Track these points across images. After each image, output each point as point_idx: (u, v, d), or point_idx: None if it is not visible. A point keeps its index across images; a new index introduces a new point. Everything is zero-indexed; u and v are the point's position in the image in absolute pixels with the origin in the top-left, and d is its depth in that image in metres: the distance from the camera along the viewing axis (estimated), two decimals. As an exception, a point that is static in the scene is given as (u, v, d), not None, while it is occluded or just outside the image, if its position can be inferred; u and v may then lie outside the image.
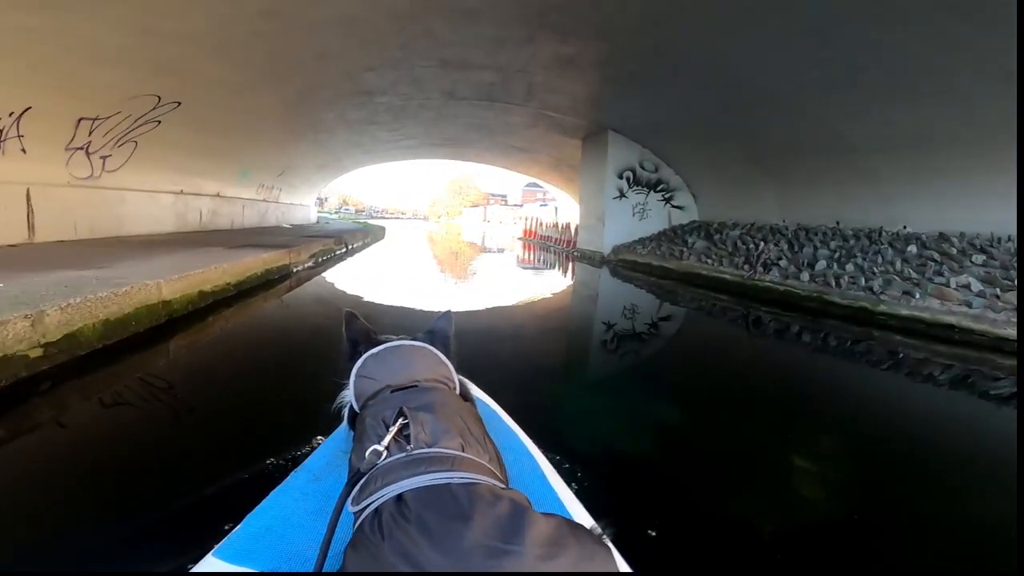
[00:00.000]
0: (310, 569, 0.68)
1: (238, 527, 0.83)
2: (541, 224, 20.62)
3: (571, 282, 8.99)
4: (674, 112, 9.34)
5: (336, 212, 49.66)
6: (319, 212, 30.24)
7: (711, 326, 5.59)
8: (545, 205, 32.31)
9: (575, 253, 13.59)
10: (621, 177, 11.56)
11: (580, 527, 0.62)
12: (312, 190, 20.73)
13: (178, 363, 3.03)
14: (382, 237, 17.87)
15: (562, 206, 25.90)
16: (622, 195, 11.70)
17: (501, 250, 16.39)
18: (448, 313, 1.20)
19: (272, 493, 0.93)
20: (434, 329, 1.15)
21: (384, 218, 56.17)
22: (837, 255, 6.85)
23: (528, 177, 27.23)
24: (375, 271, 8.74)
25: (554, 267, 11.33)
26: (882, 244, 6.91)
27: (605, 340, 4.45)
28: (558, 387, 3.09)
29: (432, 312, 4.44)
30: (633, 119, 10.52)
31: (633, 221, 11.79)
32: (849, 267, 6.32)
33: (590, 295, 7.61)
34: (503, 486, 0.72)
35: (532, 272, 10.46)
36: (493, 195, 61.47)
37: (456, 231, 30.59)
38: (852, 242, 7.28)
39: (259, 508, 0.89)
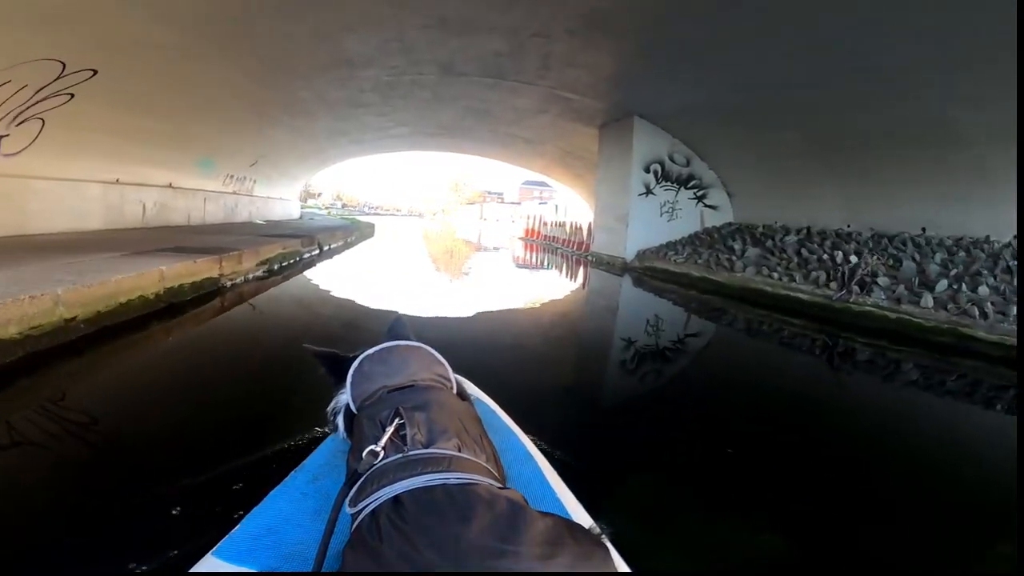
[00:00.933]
0: (309, 569, 0.67)
1: (237, 527, 0.79)
2: (545, 223, 18.94)
3: (601, 301, 7.35)
4: (721, 93, 7.68)
5: (326, 208, 47.52)
6: (306, 207, 28.37)
7: (803, 364, 3.97)
8: (544, 203, 30.65)
9: (589, 258, 11.89)
10: (648, 171, 9.85)
11: (578, 527, 0.61)
12: (293, 183, 18.95)
13: None
14: (370, 235, 16.10)
15: (563, 203, 24.28)
16: (648, 192, 9.98)
17: (498, 248, 14.90)
18: (400, 317, 1.19)
19: (271, 493, 0.89)
20: (398, 336, 1.11)
21: (378, 214, 54.10)
22: (954, 272, 5.26)
23: (527, 173, 25.56)
24: (345, 282, 7.00)
25: (570, 277, 9.67)
26: (1006, 259, 5.34)
27: (671, 396, 2.82)
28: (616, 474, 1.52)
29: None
30: (665, 102, 8.86)
31: (661, 222, 10.08)
32: (983, 290, 4.73)
33: (626, 317, 5.99)
34: (500, 486, 0.69)
35: (553, 288, 8.81)
36: (490, 192, 59.70)
37: (452, 229, 28.83)
38: (962, 254, 5.69)
39: (258, 508, 0.85)
